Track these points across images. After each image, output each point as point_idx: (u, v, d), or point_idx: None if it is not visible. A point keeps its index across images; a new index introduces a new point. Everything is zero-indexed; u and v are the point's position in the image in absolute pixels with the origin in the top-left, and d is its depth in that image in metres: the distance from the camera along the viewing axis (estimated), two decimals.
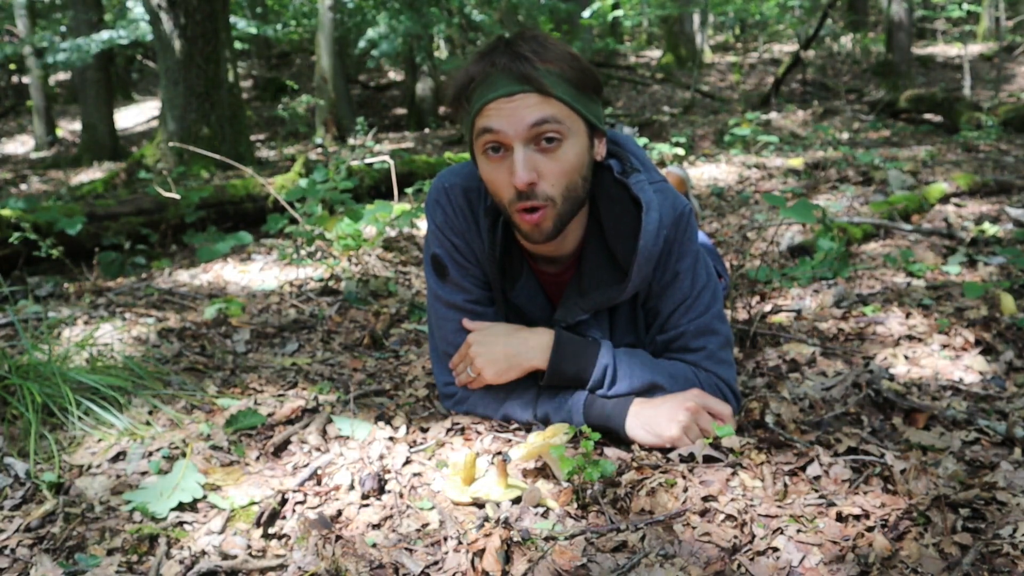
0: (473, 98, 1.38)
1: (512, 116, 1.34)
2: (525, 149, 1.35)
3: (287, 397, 1.77)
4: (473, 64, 1.39)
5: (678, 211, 1.51)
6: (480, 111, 1.37)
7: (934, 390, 1.87)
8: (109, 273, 3.63)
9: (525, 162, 1.34)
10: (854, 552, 1.10)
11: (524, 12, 11.32)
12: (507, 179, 1.37)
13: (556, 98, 1.35)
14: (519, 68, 1.33)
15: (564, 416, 1.51)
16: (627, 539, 1.16)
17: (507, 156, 1.37)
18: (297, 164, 4.94)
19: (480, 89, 1.37)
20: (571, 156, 1.38)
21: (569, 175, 1.39)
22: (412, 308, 2.63)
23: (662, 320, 1.56)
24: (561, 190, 1.39)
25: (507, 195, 1.40)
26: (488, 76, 1.36)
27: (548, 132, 1.35)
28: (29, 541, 1.21)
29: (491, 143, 1.38)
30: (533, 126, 1.34)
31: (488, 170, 1.41)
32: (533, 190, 1.36)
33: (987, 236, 3.45)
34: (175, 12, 7.00)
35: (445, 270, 1.59)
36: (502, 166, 1.38)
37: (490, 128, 1.36)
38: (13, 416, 1.57)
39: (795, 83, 12.92)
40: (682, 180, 3.02)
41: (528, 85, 1.33)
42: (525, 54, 1.34)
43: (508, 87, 1.34)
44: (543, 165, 1.36)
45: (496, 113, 1.35)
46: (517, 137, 1.34)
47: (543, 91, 1.33)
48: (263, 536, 1.24)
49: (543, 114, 1.34)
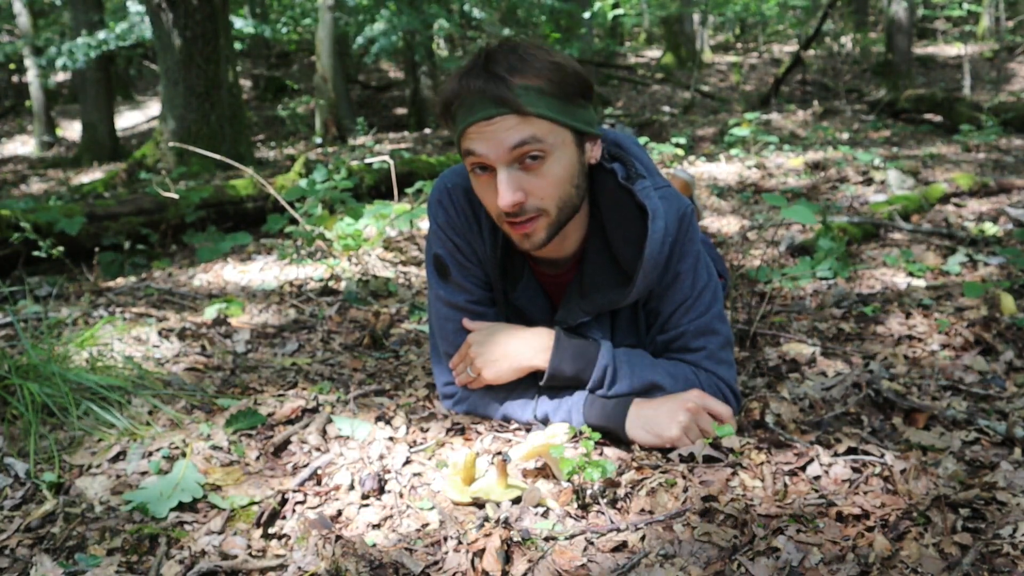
0: (457, 118, 1.38)
1: (492, 140, 1.33)
2: (508, 170, 1.34)
3: (287, 397, 1.77)
4: (453, 83, 1.37)
5: (681, 212, 1.51)
6: (463, 133, 1.37)
7: (934, 390, 1.87)
8: (109, 273, 3.63)
9: (509, 183, 1.34)
10: (854, 552, 1.10)
11: (524, 12, 11.31)
12: (495, 198, 1.37)
13: (535, 115, 1.33)
14: (493, 91, 1.31)
15: (563, 416, 1.51)
16: (627, 539, 1.16)
17: (493, 176, 1.37)
18: (297, 164, 4.94)
19: (460, 111, 1.36)
20: (557, 170, 1.37)
21: (558, 188, 1.38)
22: (412, 308, 2.63)
23: (663, 320, 1.56)
24: (554, 202, 1.39)
25: (496, 211, 1.41)
26: (465, 99, 1.35)
27: (530, 151, 1.33)
28: (29, 541, 1.21)
29: (476, 164, 1.38)
30: (514, 148, 1.33)
31: (478, 187, 1.42)
32: (521, 207, 1.36)
33: (987, 236, 3.45)
34: (175, 12, 7.00)
35: (447, 270, 1.59)
36: (490, 184, 1.38)
37: (472, 151, 1.36)
38: (13, 416, 1.57)
39: (795, 83, 12.92)
40: (687, 184, 3.01)
41: (505, 107, 1.32)
42: (500, 74, 1.32)
43: (485, 111, 1.33)
44: (529, 183, 1.36)
45: (477, 136, 1.34)
46: (499, 160, 1.34)
47: (520, 111, 1.32)
48: (263, 536, 1.24)
49: (522, 135, 1.32)
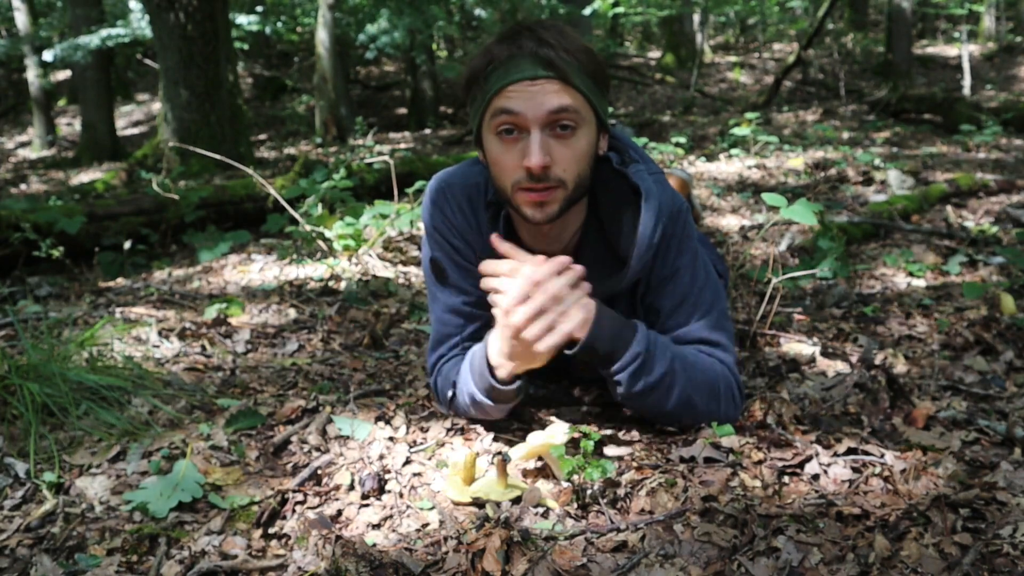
0: (492, 78, 1.38)
1: (533, 100, 1.35)
2: (541, 133, 1.36)
3: (287, 397, 1.77)
4: (496, 45, 1.40)
5: (676, 205, 1.52)
6: (500, 91, 1.37)
7: (934, 390, 1.87)
8: (109, 273, 3.63)
9: (541, 145, 1.36)
10: (854, 552, 1.10)
11: (524, 13, 11.30)
12: (517, 161, 1.38)
13: (575, 88, 1.36)
14: (545, 53, 1.35)
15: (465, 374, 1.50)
16: (627, 539, 1.16)
17: (521, 139, 1.38)
18: (297, 164, 4.94)
19: (501, 70, 1.37)
20: (583, 144, 1.40)
21: (580, 162, 1.41)
22: (412, 308, 2.63)
23: (663, 318, 1.56)
24: (573, 175, 1.40)
25: (513, 177, 1.40)
26: (512, 58, 1.37)
27: (565, 120, 1.36)
28: (29, 541, 1.21)
29: (506, 124, 1.38)
30: (552, 112, 1.35)
31: (498, 151, 1.41)
32: (546, 173, 1.37)
33: (987, 236, 3.45)
34: (175, 12, 7.00)
35: (444, 274, 1.59)
36: (514, 148, 1.39)
37: (509, 109, 1.36)
38: (13, 416, 1.57)
39: (795, 83, 12.92)
40: (684, 182, 3.01)
41: (552, 71, 1.35)
42: (550, 40, 1.35)
43: (532, 70, 1.35)
44: (557, 151, 1.38)
45: (517, 95, 1.36)
46: (536, 121, 1.36)
47: (565, 79, 1.35)
48: (263, 536, 1.24)
49: (562, 102, 1.35)
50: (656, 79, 13.97)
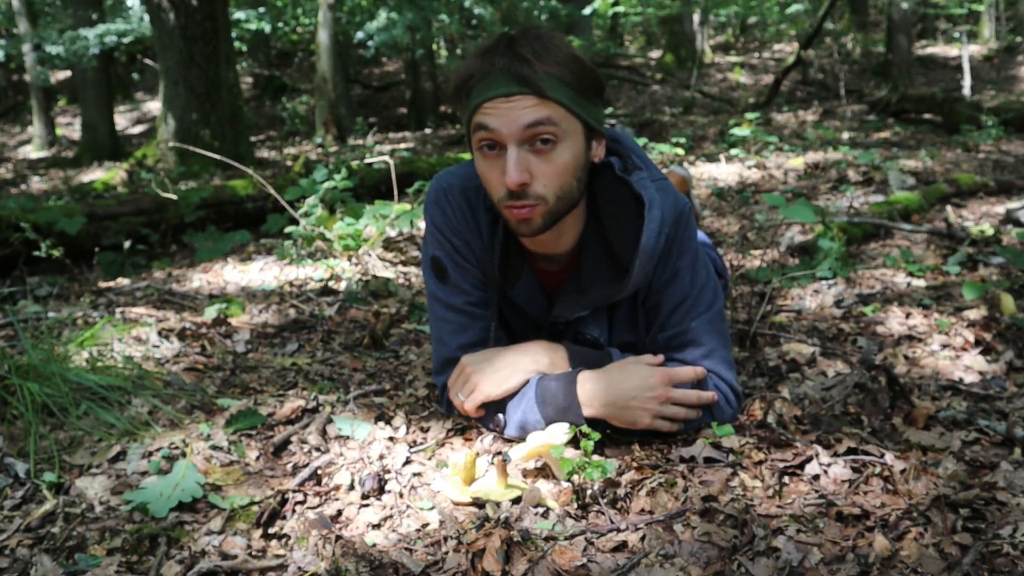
0: (472, 94, 1.39)
1: (507, 116, 1.35)
2: (519, 149, 1.36)
3: (287, 397, 1.77)
4: (474, 60, 1.40)
5: (679, 208, 1.52)
6: (477, 108, 1.38)
7: (934, 390, 1.87)
8: (109, 273, 3.63)
9: (518, 162, 1.36)
10: (854, 552, 1.10)
11: (524, 13, 11.31)
12: (500, 177, 1.38)
13: (553, 100, 1.35)
14: (517, 70, 1.34)
15: (520, 418, 1.49)
16: (627, 539, 1.16)
17: (502, 155, 1.38)
18: (297, 164, 4.94)
19: (479, 86, 1.38)
20: (566, 158, 1.39)
21: (562, 176, 1.40)
22: (412, 308, 2.63)
23: (663, 318, 1.56)
24: (554, 190, 1.40)
25: (499, 193, 1.41)
26: (488, 74, 1.37)
27: (543, 134, 1.36)
28: (29, 541, 1.21)
29: (486, 140, 1.39)
30: (528, 127, 1.35)
31: (484, 167, 1.43)
32: (525, 190, 1.38)
33: (987, 236, 3.44)
34: (175, 12, 7.00)
35: (445, 272, 1.59)
36: (496, 164, 1.39)
37: (486, 126, 1.37)
38: (13, 416, 1.57)
39: (795, 83, 12.91)
40: (684, 180, 3.01)
41: (526, 87, 1.34)
42: (525, 55, 1.35)
43: (506, 87, 1.35)
44: (536, 166, 1.38)
45: (493, 112, 1.36)
46: (511, 137, 1.36)
47: (540, 94, 1.35)
48: (263, 536, 1.24)
49: (538, 116, 1.35)
50: (656, 79, 13.96)
